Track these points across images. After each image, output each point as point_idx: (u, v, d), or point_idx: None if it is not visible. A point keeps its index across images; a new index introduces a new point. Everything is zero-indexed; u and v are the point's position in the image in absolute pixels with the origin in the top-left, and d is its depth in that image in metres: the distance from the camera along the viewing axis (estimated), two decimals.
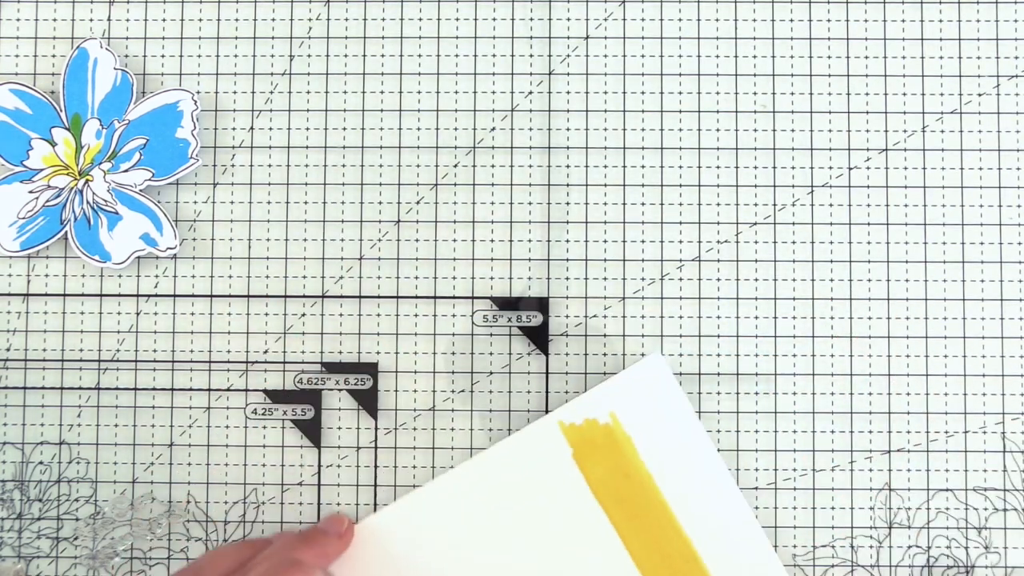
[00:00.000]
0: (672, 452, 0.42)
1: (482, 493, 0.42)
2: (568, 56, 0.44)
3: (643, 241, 0.43)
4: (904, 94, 0.44)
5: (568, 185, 0.44)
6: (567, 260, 0.44)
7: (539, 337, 0.43)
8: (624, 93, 0.44)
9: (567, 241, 0.44)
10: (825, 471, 0.43)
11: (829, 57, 0.44)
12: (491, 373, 0.43)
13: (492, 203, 0.44)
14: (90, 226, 0.43)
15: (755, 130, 0.44)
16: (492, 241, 0.44)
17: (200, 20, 0.44)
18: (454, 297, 0.44)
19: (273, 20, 0.44)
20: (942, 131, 0.44)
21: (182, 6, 0.44)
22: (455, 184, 0.44)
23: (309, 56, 0.44)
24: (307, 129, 0.44)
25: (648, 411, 0.42)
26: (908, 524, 0.43)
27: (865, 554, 0.43)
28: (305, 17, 0.44)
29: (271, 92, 0.44)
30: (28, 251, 0.43)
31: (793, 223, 0.43)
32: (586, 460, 0.42)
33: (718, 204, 0.44)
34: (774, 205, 0.44)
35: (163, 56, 0.44)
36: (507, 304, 0.43)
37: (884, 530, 0.43)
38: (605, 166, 0.44)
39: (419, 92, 0.44)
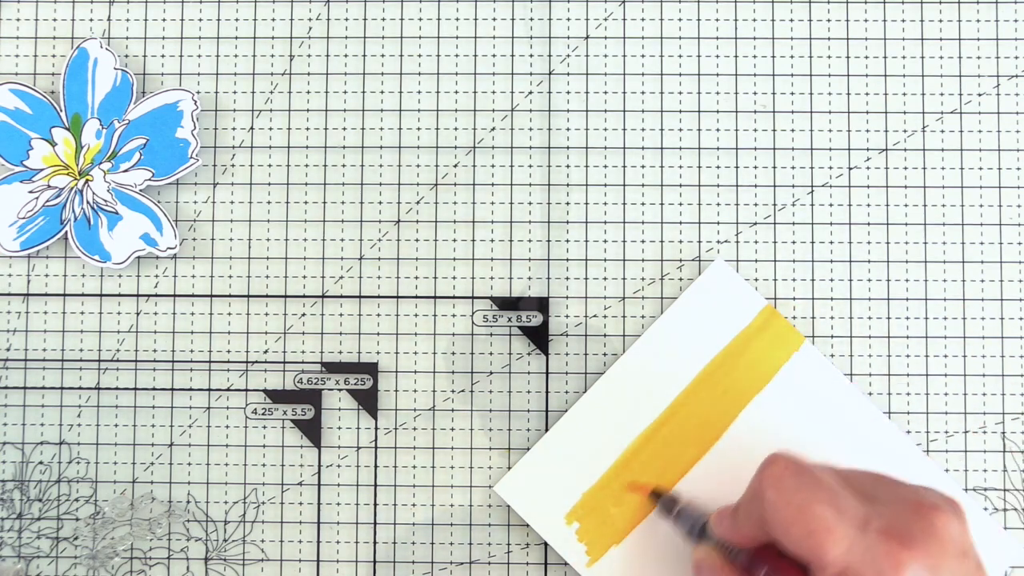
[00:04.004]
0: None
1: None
2: (568, 56, 0.44)
3: (643, 241, 0.43)
4: (904, 94, 0.44)
5: (568, 185, 0.44)
6: (567, 260, 0.44)
7: (539, 337, 0.43)
8: (624, 93, 0.44)
9: (567, 241, 0.44)
10: None
11: (829, 57, 0.44)
12: (491, 373, 0.43)
13: (492, 203, 0.44)
14: (90, 226, 0.43)
15: (755, 130, 0.44)
16: (492, 241, 0.44)
17: (200, 20, 0.44)
18: (454, 297, 0.43)
19: (273, 20, 0.44)
20: (942, 131, 0.44)
21: (182, 6, 0.44)
22: (455, 184, 0.44)
23: (309, 56, 0.44)
24: (307, 129, 0.44)
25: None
26: None
27: None
28: (305, 17, 0.44)
29: (271, 92, 0.44)
30: (28, 251, 0.43)
31: (793, 223, 0.43)
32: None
33: (718, 204, 0.44)
34: (774, 205, 0.44)
35: (163, 56, 0.44)
36: (507, 304, 0.43)
37: None
38: (605, 166, 0.44)
39: (419, 92, 0.44)
